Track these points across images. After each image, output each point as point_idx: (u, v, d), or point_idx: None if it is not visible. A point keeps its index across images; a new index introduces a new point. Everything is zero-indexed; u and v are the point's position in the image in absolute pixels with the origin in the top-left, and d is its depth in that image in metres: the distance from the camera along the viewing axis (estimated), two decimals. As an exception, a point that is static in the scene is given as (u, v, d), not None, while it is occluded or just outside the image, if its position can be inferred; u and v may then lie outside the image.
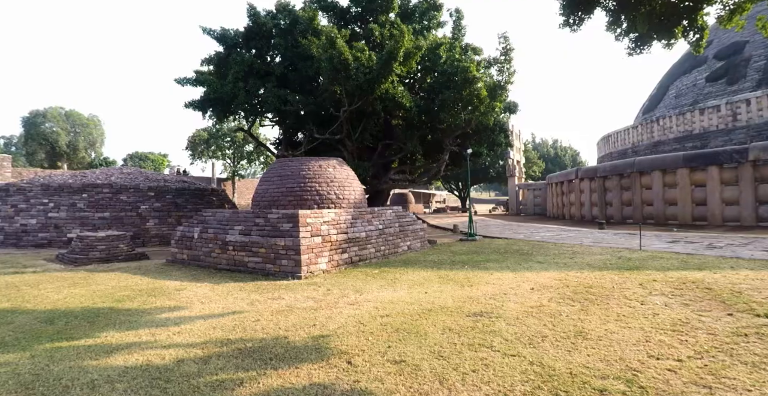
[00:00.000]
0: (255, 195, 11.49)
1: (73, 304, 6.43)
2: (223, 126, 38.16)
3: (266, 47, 16.26)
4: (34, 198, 14.07)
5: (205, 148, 39.02)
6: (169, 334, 4.99)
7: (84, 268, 9.78)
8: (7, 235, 13.73)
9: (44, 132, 51.76)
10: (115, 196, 14.57)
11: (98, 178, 15.60)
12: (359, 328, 5.19)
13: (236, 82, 15.20)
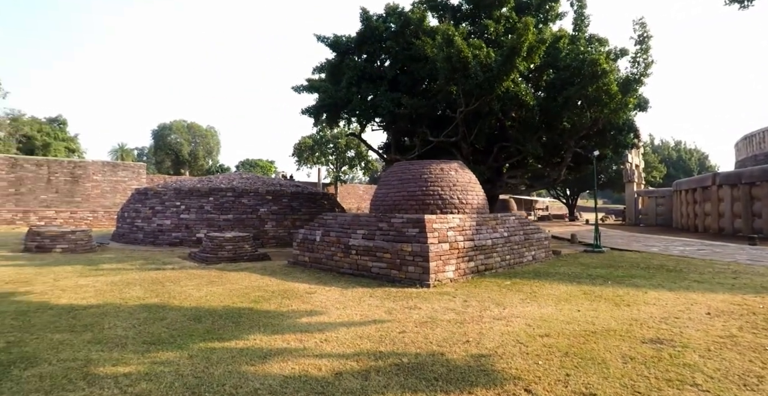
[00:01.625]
0: (374, 199, 11.27)
1: (214, 303, 6.48)
2: (326, 133, 39.38)
3: (378, 51, 16.20)
4: (168, 201, 15.15)
5: (310, 155, 40.53)
6: (317, 342, 4.71)
7: (215, 267, 10.14)
8: (146, 234, 14.89)
9: (170, 143, 57.23)
10: (237, 200, 15.25)
11: (222, 182, 16.49)
12: (521, 349, 4.56)
13: (350, 87, 15.28)
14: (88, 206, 25.25)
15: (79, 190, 25.53)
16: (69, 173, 25.38)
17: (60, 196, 25.31)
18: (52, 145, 54.37)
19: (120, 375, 3.75)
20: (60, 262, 10.56)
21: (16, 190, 24.90)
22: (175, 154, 57.30)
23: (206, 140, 60.33)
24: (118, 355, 4.21)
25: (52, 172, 25.28)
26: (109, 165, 26.39)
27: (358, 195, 45.98)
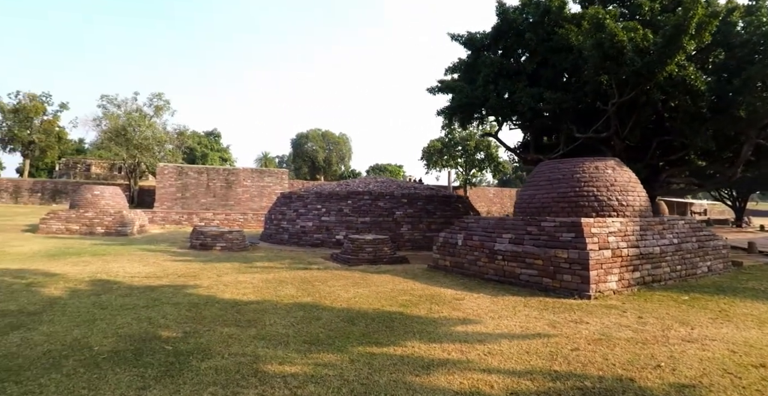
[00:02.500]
0: (519, 201, 10.57)
1: (363, 305, 6.43)
2: (455, 135, 38.90)
3: (515, 45, 15.38)
4: (310, 204, 15.96)
5: (439, 158, 40.43)
6: (480, 354, 4.32)
7: (357, 268, 10.28)
8: (291, 235, 15.84)
9: (307, 150, 61.50)
10: (374, 203, 15.53)
11: (359, 186, 16.96)
12: (732, 381, 3.71)
13: (486, 85, 14.69)
14: (239, 209, 27.92)
15: (232, 194, 28.39)
16: (224, 179, 28.37)
17: (216, 199, 28.36)
18: (209, 155, 61.65)
19: (288, 375, 3.73)
20: (220, 259, 11.56)
21: (182, 194, 28.44)
22: (312, 160, 61.41)
23: (339, 147, 63.72)
24: (282, 354, 4.25)
25: (210, 179, 28.45)
26: (257, 172, 28.95)
27: (488, 198, 44.76)
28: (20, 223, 22.36)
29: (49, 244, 14.40)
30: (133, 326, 5.15)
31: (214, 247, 13.52)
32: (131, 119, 34.37)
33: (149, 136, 34.23)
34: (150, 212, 25.30)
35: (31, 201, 36.45)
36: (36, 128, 52.08)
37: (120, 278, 8.44)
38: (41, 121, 52.51)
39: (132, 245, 14.58)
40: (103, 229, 18.52)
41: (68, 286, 7.59)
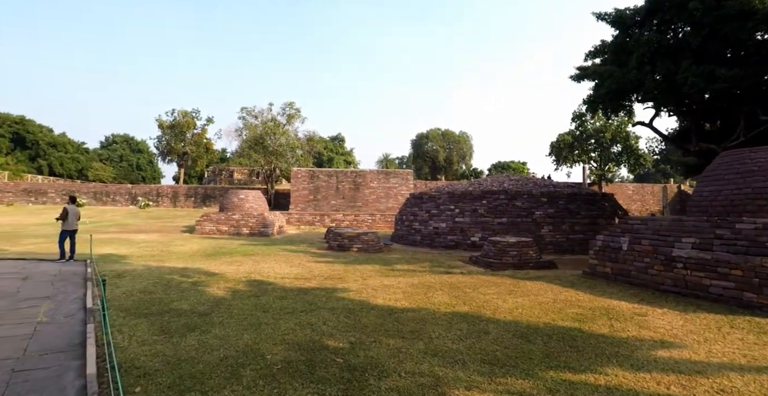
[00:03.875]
0: (698, 198, 9.01)
1: (530, 318, 5.74)
2: (588, 127, 35.91)
3: (676, 18, 13.37)
4: (442, 204, 15.52)
5: (569, 153, 37.62)
6: (710, 392, 3.44)
7: (502, 274, 9.56)
8: (423, 237, 15.54)
9: (427, 150, 61.48)
10: (510, 202, 14.61)
11: (492, 185, 16.13)
12: None
13: (641, 67, 12.96)
14: (367, 210, 28.53)
15: (360, 195, 29.13)
16: (352, 181, 29.23)
17: (345, 201, 29.31)
18: (335, 159, 64.52)
19: (479, 406, 3.24)
20: (359, 261, 11.58)
21: (314, 197, 29.84)
22: (432, 160, 61.28)
23: (459, 145, 62.75)
24: (464, 376, 3.77)
25: (339, 181, 29.49)
26: (383, 173, 29.40)
27: (626, 195, 40.68)
28: (179, 225, 25.09)
29: (205, 243, 15.74)
30: (297, 333, 5.06)
31: (351, 248, 13.68)
32: (267, 128, 37.09)
33: (283, 143, 36.64)
34: (286, 214, 26.87)
35: (186, 205, 41.05)
36: (188, 141, 58.84)
37: (272, 279, 8.71)
38: (192, 135, 59.19)
39: (275, 245, 15.36)
40: (247, 230, 19.94)
41: (228, 286, 7.96)
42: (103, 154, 75.85)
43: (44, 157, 64.65)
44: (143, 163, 78.47)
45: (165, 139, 59.46)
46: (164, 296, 7.02)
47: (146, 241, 16.28)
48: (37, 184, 47.07)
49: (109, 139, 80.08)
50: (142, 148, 79.47)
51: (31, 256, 12.18)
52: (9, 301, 6.72)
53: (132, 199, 41.78)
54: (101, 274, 8.74)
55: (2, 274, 9.22)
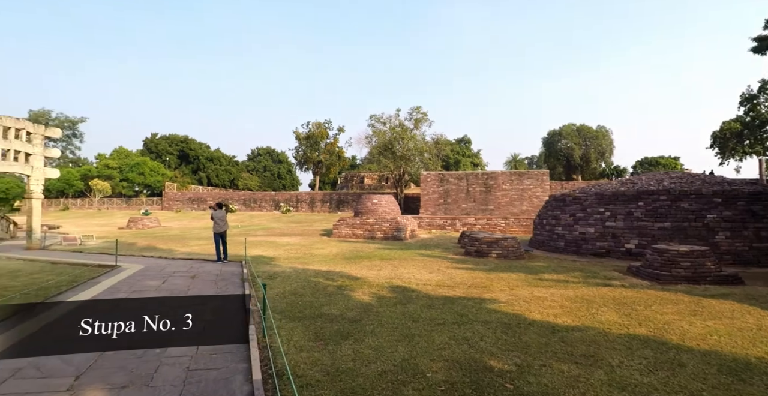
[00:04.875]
0: None
1: (733, 349, 4.68)
2: (761, 112, 30.59)
3: None
4: (589, 207, 14.13)
5: (738, 143, 32.38)
6: None
7: (673, 288, 8.24)
8: (567, 243, 14.29)
9: (560, 148, 57.70)
10: (673, 204, 12.77)
11: (649, 184, 14.28)
12: None
13: None
14: (500, 213, 27.44)
15: (491, 198, 28.13)
16: (483, 184, 28.36)
17: (476, 204, 28.52)
18: (461, 161, 63.71)
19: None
20: (501, 268, 10.93)
21: (444, 200, 29.52)
22: (566, 159, 57.32)
23: (597, 142, 57.84)
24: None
25: (470, 184, 28.80)
26: (515, 174, 28.05)
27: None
28: (317, 228, 26.53)
29: (343, 247, 16.25)
30: (454, 348, 4.71)
31: (490, 254, 13.04)
32: (395, 133, 37.78)
33: (411, 148, 37.01)
34: (417, 218, 26.92)
35: (322, 209, 43.51)
36: (322, 150, 62.67)
37: (414, 285, 8.51)
38: (325, 144, 62.89)
39: (410, 250, 15.30)
40: (381, 234, 20.27)
41: (372, 291, 7.92)
42: (250, 166, 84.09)
43: (203, 170, 73.58)
44: (283, 172, 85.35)
45: (302, 150, 64.02)
46: (313, 299, 7.17)
47: (290, 244, 17.33)
48: (199, 193, 53.60)
49: (255, 151, 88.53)
50: (282, 158, 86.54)
51: (196, 257, 13.58)
52: (182, 300, 7.40)
53: (275, 205, 45.46)
54: (257, 276, 9.32)
55: (176, 273, 10.32)
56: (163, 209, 49.72)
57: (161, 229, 28.62)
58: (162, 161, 69.59)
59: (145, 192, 62.83)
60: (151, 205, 52.67)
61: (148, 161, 64.25)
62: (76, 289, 8.33)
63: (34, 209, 17.61)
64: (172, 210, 48.72)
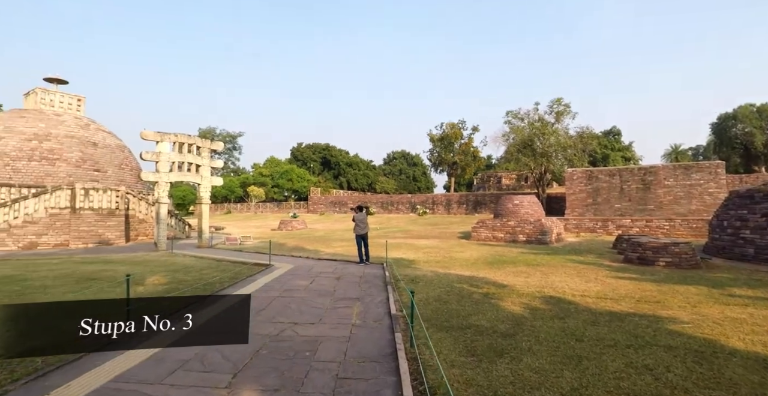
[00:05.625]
0: None
1: None
2: None
3: None
4: (789, 205, 11.56)
5: None
6: None
7: None
8: (759, 249, 11.86)
9: (735, 135, 49.31)
10: None
11: None
12: None
13: None
14: (662, 214, 24.13)
15: (651, 197, 24.88)
16: (639, 180, 25.24)
17: (632, 204, 25.50)
18: (610, 155, 58.15)
19: None
20: (674, 280, 9.36)
21: (593, 200, 26.95)
22: (744, 147, 48.71)
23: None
24: None
25: (624, 181, 25.86)
26: (681, 168, 24.40)
27: None
28: (455, 231, 26.04)
29: (483, 251, 15.56)
30: (634, 379, 3.91)
31: (657, 262, 11.34)
32: (535, 129, 35.61)
33: (553, 143, 34.52)
34: (562, 220, 24.99)
35: (459, 211, 42.88)
36: (456, 151, 62.04)
37: (569, 297, 7.61)
38: (460, 145, 62.15)
39: (558, 255, 14.07)
40: (524, 237, 19.10)
41: (522, 301, 7.24)
42: (386, 169, 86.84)
43: (344, 174, 77.85)
44: (418, 174, 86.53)
45: (436, 151, 64.15)
46: (459, 308, 6.75)
47: (428, 247, 17.13)
48: (340, 196, 56.64)
49: (390, 155, 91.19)
50: (416, 161, 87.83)
51: (340, 258, 14.04)
52: (329, 300, 7.49)
53: (411, 207, 46.04)
54: (399, 279, 9.19)
55: (322, 273, 10.68)
56: (308, 212, 53.50)
57: (307, 230, 30.63)
58: (307, 168, 75.29)
59: (293, 196, 68.43)
60: (298, 208, 57.08)
61: (295, 168, 69.93)
62: (236, 285, 9.00)
63: (203, 213, 19.96)
64: (317, 213, 52.15)
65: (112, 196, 21.89)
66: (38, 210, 19.77)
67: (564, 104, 36.58)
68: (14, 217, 19.29)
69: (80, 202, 20.68)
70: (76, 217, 20.54)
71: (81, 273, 10.72)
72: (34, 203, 19.73)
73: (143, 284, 9.00)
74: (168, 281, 9.47)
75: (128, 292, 5.69)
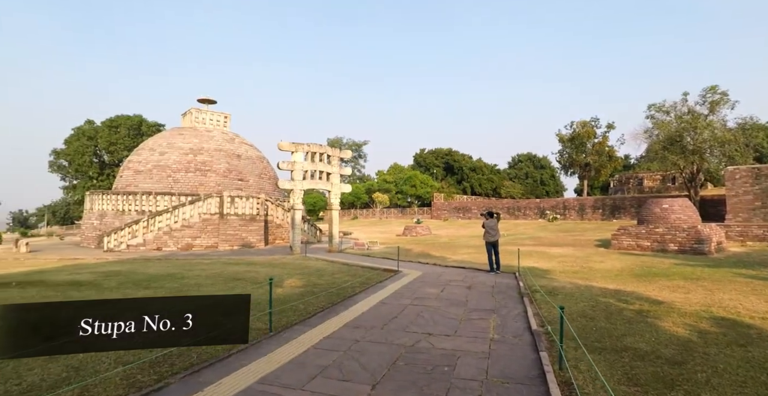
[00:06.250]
0: None
1: None
2: None
3: None
4: None
5: None
6: None
7: None
8: None
9: None
10: None
11: None
12: None
13: None
14: None
15: (844, 199, 20.49)
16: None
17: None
18: (782, 151, 49.50)
19: None
20: None
21: (762, 203, 23.03)
22: None
23: None
24: None
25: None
26: None
27: None
28: (591, 238, 24.00)
29: (627, 261, 14.02)
30: None
31: None
32: (683, 123, 31.50)
33: (707, 138, 30.17)
34: (722, 226, 21.73)
35: (594, 217, 39.66)
36: (589, 151, 57.62)
37: (747, 319, 6.39)
38: (593, 144, 57.64)
39: (721, 268, 12.13)
40: (675, 246, 16.90)
41: (687, 322, 6.23)
42: (511, 173, 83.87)
43: (467, 179, 76.78)
44: (546, 177, 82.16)
45: (566, 153, 60.29)
46: (609, 326, 6.01)
47: (563, 255, 15.94)
48: (463, 202, 55.94)
49: (515, 158, 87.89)
50: (543, 163, 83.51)
51: (467, 265, 13.62)
52: (462, 310, 7.18)
53: (540, 212, 43.71)
54: (535, 290, 8.56)
55: (452, 281, 10.39)
56: (432, 218, 53.58)
57: (432, 236, 30.55)
58: (430, 174, 75.61)
59: (416, 202, 69.09)
60: (421, 214, 57.48)
61: (418, 174, 70.61)
62: (368, 291, 9.10)
63: (333, 219, 20.88)
64: (440, 218, 52.00)
65: (254, 203, 23.99)
66: (193, 215, 22.39)
67: (720, 92, 31.91)
68: (174, 221, 22.07)
69: (227, 208, 22.98)
70: (224, 221, 22.84)
71: (228, 273, 11.76)
72: (190, 209, 22.39)
73: (281, 286, 9.55)
74: (303, 284, 9.93)
75: (271, 294, 5.97)
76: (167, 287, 9.44)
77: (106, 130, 57.73)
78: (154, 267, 13.52)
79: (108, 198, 24.91)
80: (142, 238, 21.43)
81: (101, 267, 13.65)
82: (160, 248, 21.42)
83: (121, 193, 24.80)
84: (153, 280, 10.48)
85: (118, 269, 12.80)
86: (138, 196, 24.13)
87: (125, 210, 23.99)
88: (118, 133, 57.36)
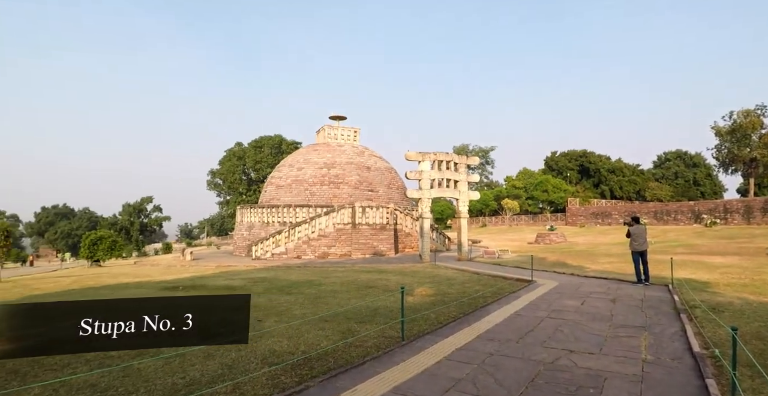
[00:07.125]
0: None
1: None
2: None
3: None
4: None
5: None
6: None
7: None
8: None
9: None
10: None
11: None
12: None
13: None
14: None
15: None
16: None
17: None
18: None
19: None
20: None
21: None
22: None
23: None
24: None
25: None
26: None
27: None
28: (761, 246, 20.56)
29: (816, 273, 11.72)
30: None
31: None
32: None
33: None
34: None
35: (764, 221, 33.96)
36: (755, 144, 49.62)
37: None
38: (759, 136, 49.58)
39: None
40: None
41: None
42: (657, 173, 75.67)
43: (605, 182, 70.88)
44: (700, 177, 72.65)
45: (725, 148, 52.79)
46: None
47: (726, 266, 13.90)
48: (602, 207, 51.76)
49: (662, 157, 79.17)
50: (696, 161, 74.01)
51: (610, 276, 12.53)
52: (606, 326, 6.59)
53: (695, 217, 38.68)
54: (694, 306, 7.54)
55: (592, 293, 9.62)
56: (567, 224, 50.39)
57: (567, 244, 28.71)
58: (563, 177, 71.27)
59: (549, 208, 65.52)
60: (555, 220, 54.37)
61: (550, 179, 67.02)
62: (500, 301, 8.80)
63: (462, 227, 20.69)
64: (576, 225, 48.67)
65: (383, 213, 24.79)
66: (328, 226, 23.83)
67: None
68: (311, 231, 23.69)
69: (359, 218, 24.07)
70: (356, 231, 23.94)
71: (361, 281, 12.25)
72: (325, 220, 23.88)
73: (412, 294, 9.68)
74: (434, 293, 9.95)
75: (402, 302, 6.07)
76: (306, 293, 10.12)
77: (252, 150, 64.38)
78: (295, 274, 14.62)
79: (254, 211, 27.68)
80: (284, 247, 23.37)
81: (250, 274, 15.13)
82: (299, 256, 23.15)
83: (266, 206, 27.39)
84: (294, 287, 11.32)
85: (264, 276, 14.08)
86: (280, 209, 26.41)
87: (269, 221, 26.38)
88: (262, 152, 63.56)
